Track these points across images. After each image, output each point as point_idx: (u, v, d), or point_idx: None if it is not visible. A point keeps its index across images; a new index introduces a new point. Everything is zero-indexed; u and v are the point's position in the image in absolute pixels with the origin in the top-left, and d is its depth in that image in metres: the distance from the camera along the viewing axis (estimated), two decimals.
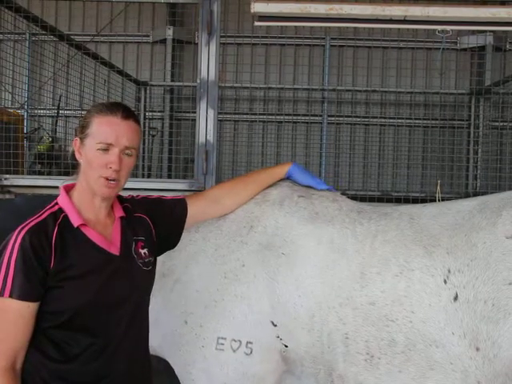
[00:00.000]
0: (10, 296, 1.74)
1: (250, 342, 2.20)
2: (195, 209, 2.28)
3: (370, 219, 2.30)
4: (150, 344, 2.07)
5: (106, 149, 1.87)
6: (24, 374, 1.81)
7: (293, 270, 2.22)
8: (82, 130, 1.92)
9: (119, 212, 2.02)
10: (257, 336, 2.20)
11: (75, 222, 1.87)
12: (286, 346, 2.20)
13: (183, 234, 2.27)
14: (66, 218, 1.87)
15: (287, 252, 2.26)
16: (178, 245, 2.30)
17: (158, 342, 2.13)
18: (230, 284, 2.26)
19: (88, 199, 1.93)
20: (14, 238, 1.78)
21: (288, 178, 2.47)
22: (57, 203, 1.92)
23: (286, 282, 2.21)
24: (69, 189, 1.96)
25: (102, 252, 1.90)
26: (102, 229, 1.95)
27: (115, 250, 1.94)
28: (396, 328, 2.08)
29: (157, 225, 2.13)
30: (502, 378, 2.02)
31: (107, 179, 1.88)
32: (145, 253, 2.02)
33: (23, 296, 1.75)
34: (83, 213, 1.91)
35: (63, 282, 1.80)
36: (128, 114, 1.94)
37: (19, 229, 1.80)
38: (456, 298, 2.06)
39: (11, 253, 1.76)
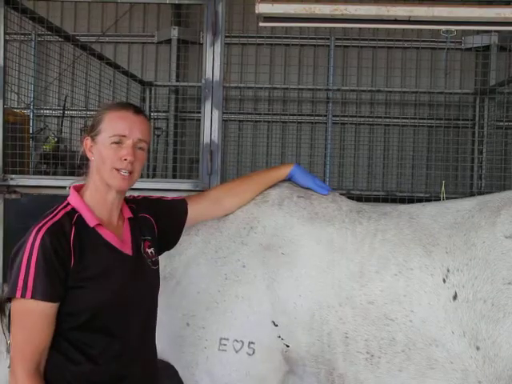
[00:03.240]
0: (33, 297, 1.71)
1: (252, 343, 2.21)
2: (196, 209, 2.28)
3: (369, 219, 2.31)
4: None
5: (120, 142, 1.88)
6: (46, 373, 1.80)
7: (293, 270, 2.23)
8: (93, 127, 1.92)
9: (127, 213, 2.03)
10: (259, 336, 2.21)
11: (91, 222, 1.87)
12: (288, 346, 2.21)
13: (183, 237, 2.28)
14: (80, 217, 1.86)
15: (287, 252, 2.26)
16: (179, 248, 2.31)
17: (160, 345, 2.14)
18: (231, 285, 2.27)
19: (101, 198, 1.92)
20: (32, 238, 1.75)
21: (289, 179, 2.46)
22: (69, 203, 1.90)
23: (286, 282, 2.21)
24: (78, 189, 1.95)
25: (117, 252, 1.90)
26: (114, 229, 1.95)
27: (128, 250, 1.94)
28: (396, 327, 2.09)
29: (158, 224, 2.13)
30: (505, 382, 2.02)
31: (121, 171, 1.88)
32: (151, 252, 2.03)
33: (46, 297, 1.72)
34: (96, 213, 1.91)
35: (81, 283, 1.79)
36: (139, 110, 1.97)
37: (36, 229, 1.77)
38: (455, 297, 2.06)
39: (30, 253, 1.73)
